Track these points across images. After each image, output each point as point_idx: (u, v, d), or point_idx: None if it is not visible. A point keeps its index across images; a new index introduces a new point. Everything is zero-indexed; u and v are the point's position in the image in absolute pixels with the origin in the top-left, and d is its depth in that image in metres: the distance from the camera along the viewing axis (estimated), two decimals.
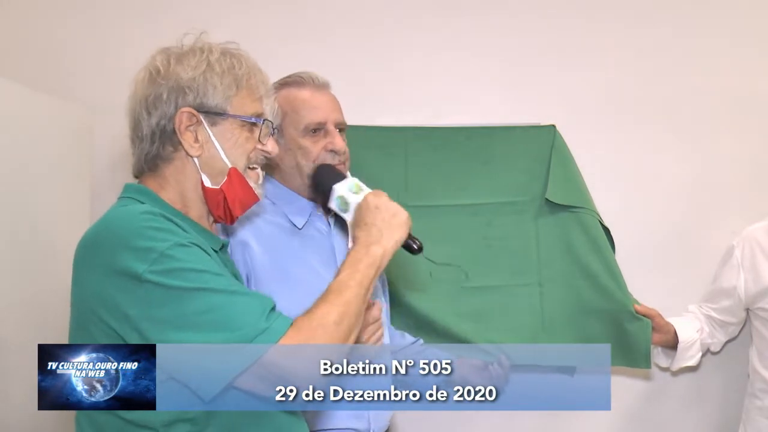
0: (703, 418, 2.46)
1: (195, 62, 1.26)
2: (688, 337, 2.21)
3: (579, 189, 2.33)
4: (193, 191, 1.28)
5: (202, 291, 1.09)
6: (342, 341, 1.14)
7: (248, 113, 1.29)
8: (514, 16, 2.49)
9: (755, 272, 2.15)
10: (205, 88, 1.25)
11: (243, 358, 1.07)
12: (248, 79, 1.29)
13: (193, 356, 1.08)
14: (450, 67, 2.48)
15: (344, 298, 1.17)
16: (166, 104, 1.25)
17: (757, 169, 2.43)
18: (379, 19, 2.50)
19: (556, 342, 2.26)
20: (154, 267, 1.09)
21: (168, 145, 1.26)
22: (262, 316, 1.11)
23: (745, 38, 2.46)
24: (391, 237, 1.31)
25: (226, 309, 1.10)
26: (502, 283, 2.31)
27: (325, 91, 1.73)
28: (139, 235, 1.12)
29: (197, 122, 1.25)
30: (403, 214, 1.36)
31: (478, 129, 2.38)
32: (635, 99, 2.46)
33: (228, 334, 1.07)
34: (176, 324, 1.08)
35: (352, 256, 1.26)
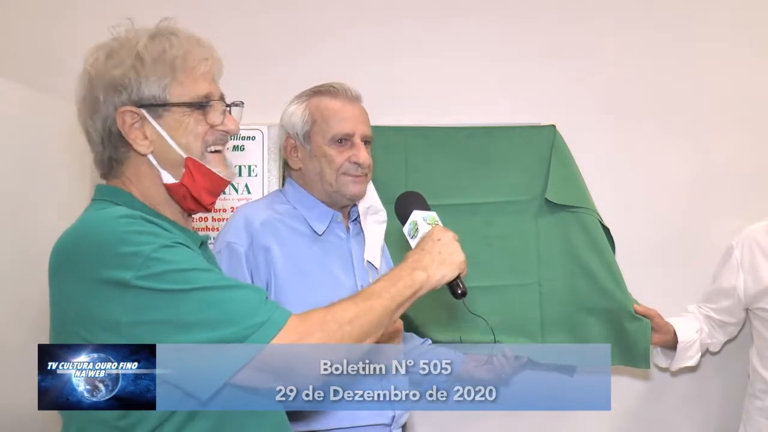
0: (703, 419, 2.46)
1: (123, 55, 1.17)
2: (687, 337, 2.21)
3: (579, 189, 2.33)
4: (156, 189, 1.21)
5: (194, 290, 1.05)
6: (355, 340, 1.11)
7: (192, 96, 1.19)
8: (514, 17, 2.49)
9: (755, 272, 2.15)
10: (137, 82, 1.16)
11: (241, 354, 1.04)
12: (184, 59, 1.19)
13: (190, 356, 1.05)
14: (450, 67, 2.48)
15: (369, 304, 1.13)
16: (104, 106, 1.17)
17: (757, 169, 2.43)
18: (380, 19, 2.50)
19: (556, 341, 2.26)
20: (141, 272, 1.04)
21: (120, 146, 1.19)
22: (259, 307, 1.07)
23: (744, 39, 2.46)
24: (439, 270, 1.27)
25: (221, 305, 1.06)
26: (502, 282, 2.31)
27: (356, 104, 1.75)
28: (121, 240, 1.06)
29: (141, 118, 1.17)
30: (461, 256, 1.31)
31: (478, 129, 2.38)
32: (635, 99, 2.46)
33: (226, 331, 1.04)
34: (171, 327, 1.04)
35: (394, 272, 1.23)
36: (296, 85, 1.86)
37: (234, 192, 2.43)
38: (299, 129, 1.72)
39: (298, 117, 1.72)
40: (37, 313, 1.83)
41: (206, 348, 1.04)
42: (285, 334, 1.05)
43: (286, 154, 1.79)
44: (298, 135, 1.73)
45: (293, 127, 1.73)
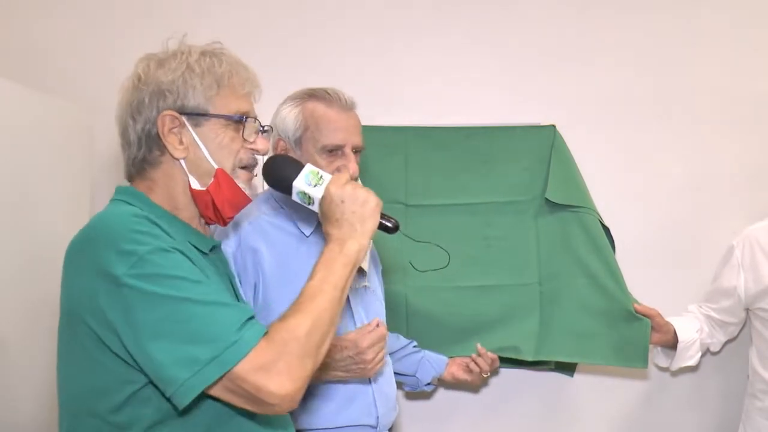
0: (703, 419, 2.46)
1: (174, 65, 1.25)
2: (687, 337, 2.21)
3: (579, 189, 2.33)
4: (182, 193, 1.27)
5: (178, 300, 1.07)
6: (315, 350, 1.11)
7: (232, 111, 1.27)
8: (515, 17, 2.49)
9: (755, 272, 2.15)
10: (185, 90, 1.24)
11: (211, 372, 1.04)
12: (230, 77, 1.27)
13: (165, 366, 1.05)
14: (450, 67, 2.48)
15: (317, 305, 1.13)
16: (148, 109, 1.24)
17: (757, 169, 2.43)
18: (380, 19, 2.50)
19: (555, 341, 2.26)
20: (133, 270, 1.07)
21: (155, 149, 1.26)
22: (235, 328, 1.07)
23: (745, 39, 2.46)
24: (364, 229, 1.25)
25: (200, 320, 1.07)
26: (502, 282, 2.31)
27: (350, 113, 1.74)
28: (124, 237, 1.10)
29: (180, 125, 1.24)
30: (373, 198, 1.28)
31: (478, 129, 2.38)
32: (635, 99, 2.46)
33: (199, 347, 1.05)
34: (150, 332, 1.06)
35: (325, 255, 1.21)
36: (297, 86, 1.86)
37: None
38: (291, 133, 1.72)
39: (291, 121, 1.72)
40: (38, 312, 1.84)
41: (177, 361, 1.05)
42: (253, 357, 1.06)
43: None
44: (290, 138, 1.72)
45: (285, 130, 1.72)
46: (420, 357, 2.12)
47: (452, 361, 2.16)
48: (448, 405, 2.49)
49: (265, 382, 1.05)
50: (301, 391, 1.09)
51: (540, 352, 2.26)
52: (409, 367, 2.11)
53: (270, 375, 1.05)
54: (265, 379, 1.05)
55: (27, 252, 1.90)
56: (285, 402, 1.07)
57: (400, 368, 2.09)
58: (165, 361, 1.05)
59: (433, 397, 2.49)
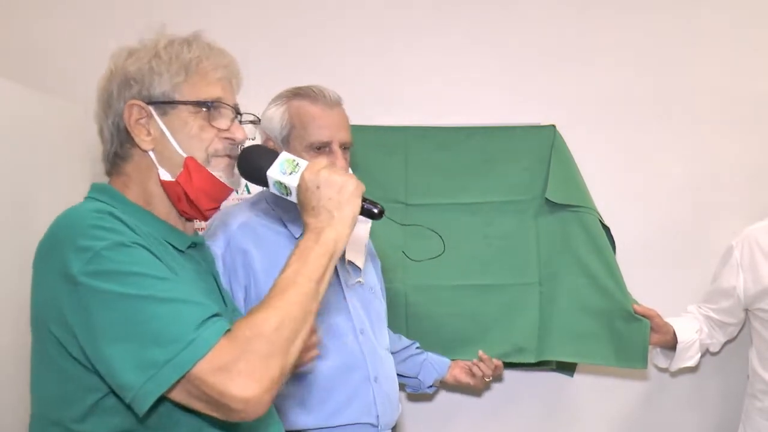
0: (702, 419, 2.46)
1: (142, 54, 1.20)
2: (687, 337, 2.20)
3: (579, 188, 2.33)
4: (155, 187, 1.21)
5: (136, 298, 0.99)
6: (285, 347, 1.01)
7: (200, 97, 1.19)
8: (515, 17, 2.49)
9: (755, 273, 2.14)
10: (150, 78, 1.18)
11: (167, 375, 0.96)
12: (199, 63, 1.20)
13: (122, 370, 0.98)
14: (450, 67, 2.48)
15: (288, 299, 1.04)
16: (117, 101, 1.19)
17: (757, 169, 2.43)
18: (380, 19, 2.50)
19: (555, 341, 2.26)
20: (88, 267, 1.00)
21: (125, 143, 1.20)
22: (193, 326, 0.98)
23: (745, 38, 2.46)
24: (343, 216, 1.16)
25: (158, 320, 0.98)
26: (502, 282, 2.31)
27: (336, 109, 1.73)
28: (82, 234, 1.04)
29: (148, 115, 1.18)
30: (351, 183, 1.18)
31: (478, 129, 2.38)
32: (635, 99, 2.46)
33: (156, 349, 0.97)
34: (107, 334, 0.99)
35: (300, 246, 1.12)
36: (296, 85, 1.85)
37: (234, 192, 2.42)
38: (277, 132, 1.71)
39: (277, 120, 1.71)
40: None
41: (133, 366, 0.98)
42: (212, 358, 0.97)
43: None
44: (277, 138, 1.71)
45: (272, 129, 1.72)
46: (423, 359, 2.12)
47: (455, 364, 2.16)
48: (450, 405, 2.49)
49: (225, 384, 0.96)
50: (269, 393, 0.99)
51: (541, 353, 2.26)
52: (411, 368, 2.11)
53: (231, 376, 0.96)
54: (226, 380, 0.96)
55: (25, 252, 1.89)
56: (250, 406, 0.97)
57: (403, 370, 2.09)
58: (121, 365, 0.98)
59: (434, 398, 2.49)
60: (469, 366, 2.15)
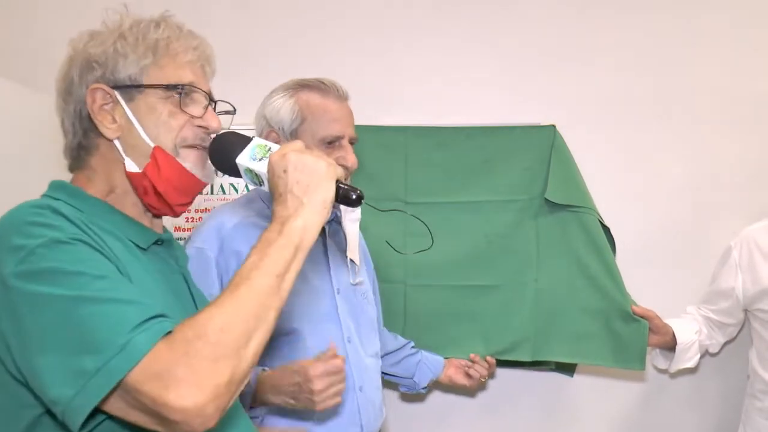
0: (702, 420, 2.46)
1: (106, 36, 1.10)
2: (686, 338, 2.20)
3: (579, 189, 2.33)
4: (121, 179, 1.11)
5: (69, 300, 0.88)
6: (233, 350, 0.89)
7: (169, 81, 1.10)
8: (515, 17, 2.49)
9: (753, 273, 2.14)
10: (115, 60, 1.08)
11: (98, 385, 0.85)
12: (168, 44, 1.11)
13: (51, 383, 0.87)
14: (450, 67, 2.48)
15: (239, 296, 0.92)
16: (77, 86, 1.10)
17: (757, 169, 2.43)
18: (380, 19, 2.50)
19: (553, 342, 2.26)
20: (20, 267, 0.89)
21: (89, 133, 1.11)
22: (127, 329, 0.86)
23: (745, 38, 2.45)
24: (314, 201, 1.03)
25: (90, 323, 0.87)
26: (501, 281, 2.31)
27: (345, 104, 1.68)
28: (17, 231, 0.93)
29: (113, 101, 1.08)
30: (323, 164, 1.05)
31: (478, 129, 2.38)
32: (635, 99, 2.46)
33: (87, 356, 0.85)
34: (37, 342, 0.87)
35: (263, 237, 1.01)
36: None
37: (234, 192, 2.42)
38: (286, 125, 1.63)
39: (287, 112, 1.63)
40: None
41: (63, 377, 0.86)
42: (148, 364, 0.85)
43: None
44: (284, 130, 1.63)
45: (279, 121, 1.63)
46: (418, 360, 2.12)
47: (449, 363, 2.16)
48: (446, 406, 2.49)
49: (161, 393, 0.84)
50: (213, 402, 0.86)
51: (538, 353, 2.26)
52: (406, 369, 2.10)
53: (166, 383, 0.84)
54: (162, 389, 0.84)
55: None
56: (191, 417, 0.85)
57: (398, 371, 2.09)
58: (51, 377, 0.87)
59: (431, 398, 2.49)
60: (464, 368, 2.15)
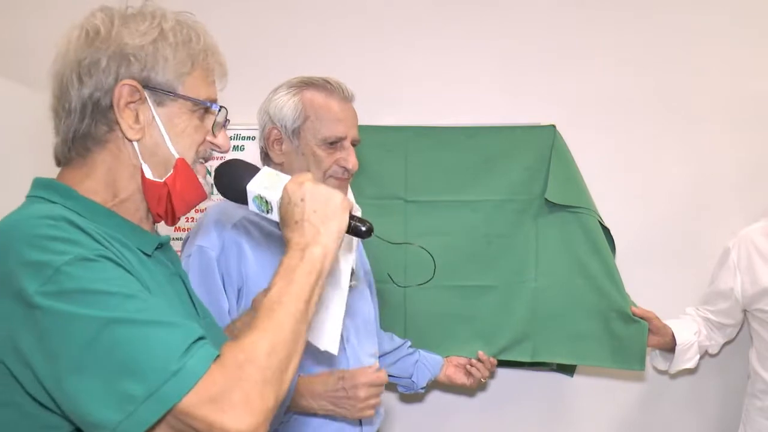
0: (702, 421, 2.46)
1: (145, 27, 1.04)
2: (685, 339, 2.21)
3: (579, 189, 2.33)
4: (129, 182, 1.06)
5: (105, 321, 0.85)
6: (279, 374, 0.91)
7: (201, 97, 1.08)
8: (515, 17, 2.49)
9: (752, 274, 2.15)
10: (154, 60, 1.03)
11: (149, 411, 0.84)
12: (205, 57, 1.09)
13: (91, 407, 0.85)
14: (450, 67, 2.48)
15: (276, 320, 0.94)
16: (104, 73, 1.02)
17: (757, 169, 2.43)
18: (380, 19, 2.50)
19: (553, 342, 2.26)
20: (47, 287, 0.86)
21: (102, 124, 1.04)
22: (177, 353, 0.86)
23: (744, 38, 2.45)
24: (330, 231, 1.06)
25: (133, 346, 0.85)
26: (501, 282, 2.31)
27: (349, 105, 1.67)
28: (33, 246, 0.89)
29: (140, 99, 1.04)
30: (337, 196, 1.09)
31: (478, 129, 2.38)
32: (635, 99, 2.46)
33: (133, 381, 0.84)
34: (71, 364, 0.85)
35: (284, 264, 1.02)
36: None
37: None
38: (289, 122, 1.62)
39: (290, 109, 1.62)
40: None
41: (106, 401, 0.84)
42: (203, 388, 0.85)
43: (268, 145, 1.66)
44: (287, 128, 1.62)
45: (282, 119, 1.62)
46: (415, 359, 2.11)
47: (448, 362, 2.16)
48: (446, 406, 2.49)
49: (217, 417, 0.85)
50: (264, 426, 0.88)
51: (537, 354, 2.26)
52: (404, 369, 2.10)
53: (223, 408, 0.85)
54: (218, 413, 0.85)
55: None
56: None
57: (396, 371, 2.08)
58: (91, 401, 0.84)
59: (430, 398, 2.49)
60: (464, 366, 2.14)
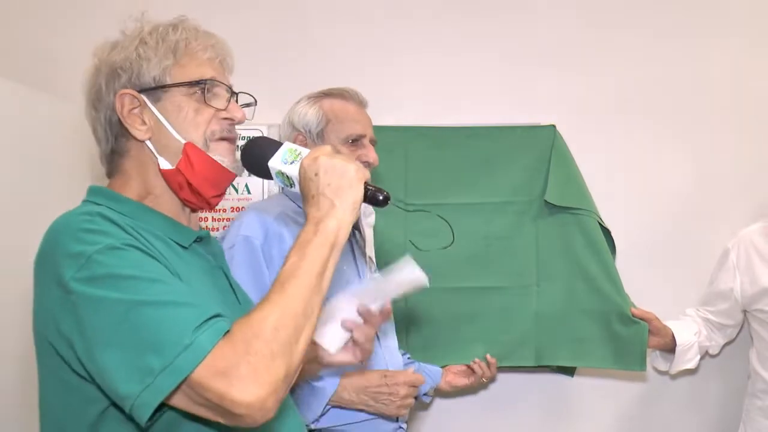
0: (702, 422, 2.46)
1: (127, 43, 1.16)
2: (685, 340, 2.21)
3: (579, 190, 2.33)
4: (156, 179, 1.17)
5: (130, 303, 0.95)
6: (287, 346, 0.96)
7: (192, 78, 1.15)
8: (515, 18, 2.49)
9: (751, 274, 2.15)
10: (138, 65, 1.14)
11: (164, 382, 0.92)
12: (187, 44, 1.17)
13: (118, 379, 0.94)
14: (450, 67, 2.48)
15: (287, 295, 0.99)
16: (106, 94, 1.15)
17: (757, 169, 2.43)
18: (380, 19, 2.50)
19: (554, 345, 2.26)
20: (80, 273, 0.97)
21: (120, 137, 1.16)
22: (190, 329, 0.93)
23: (745, 39, 2.45)
24: (345, 203, 1.09)
25: (153, 324, 0.94)
26: (501, 284, 2.31)
27: (365, 109, 1.86)
28: (73, 238, 1.00)
29: (141, 104, 1.14)
30: (351, 168, 1.12)
31: (478, 129, 2.38)
32: (635, 99, 2.46)
33: (152, 355, 0.92)
34: (101, 342, 0.95)
35: (300, 237, 1.07)
36: (297, 85, 1.86)
37: (234, 192, 2.43)
38: (313, 127, 1.78)
39: (313, 115, 1.79)
40: None
41: (129, 374, 0.93)
42: (212, 361, 0.93)
43: None
44: (311, 132, 1.78)
45: (306, 124, 1.79)
46: (416, 368, 2.12)
47: (447, 371, 2.17)
48: (448, 406, 2.49)
49: (226, 388, 0.92)
50: (273, 396, 0.94)
51: (541, 358, 2.27)
52: None
53: (231, 380, 0.92)
54: (226, 385, 0.92)
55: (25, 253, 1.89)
56: (254, 411, 0.93)
57: None
58: (117, 374, 0.94)
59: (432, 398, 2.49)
60: (466, 366, 2.16)
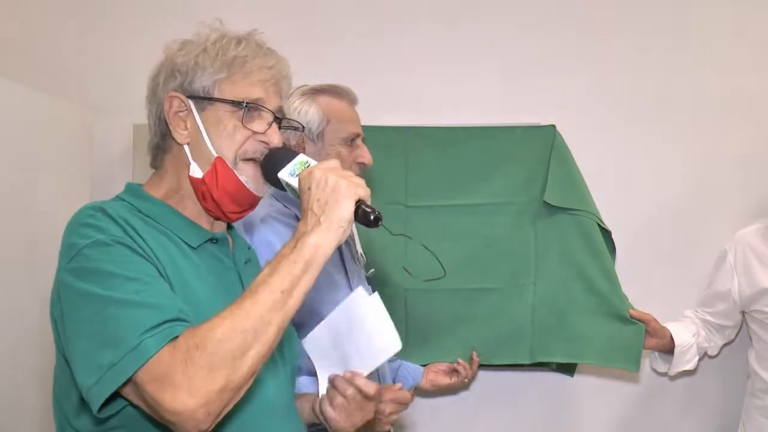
0: (701, 422, 2.46)
1: (192, 47, 1.19)
2: (684, 341, 2.21)
3: (578, 191, 2.32)
4: (186, 182, 1.20)
5: (101, 299, 0.98)
6: (229, 360, 0.95)
7: (238, 97, 1.17)
8: (515, 18, 2.49)
9: (749, 275, 2.15)
10: (194, 72, 1.17)
11: (111, 379, 0.95)
12: (245, 62, 1.19)
13: (79, 370, 0.99)
14: (450, 68, 2.48)
15: (242, 309, 0.98)
16: (161, 91, 1.19)
17: (756, 170, 2.43)
18: (381, 20, 2.50)
19: (550, 343, 2.26)
20: (70, 265, 1.03)
21: (165, 135, 1.20)
22: (140, 331, 0.95)
23: (745, 39, 2.45)
24: (328, 220, 1.05)
25: (114, 322, 0.97)
26: (500, 284, 2.30)
27: (355, 107, 1.83)
28: (74, 231, 1.06)
29: (187, 109, 1.18)
30: (343, 184, 1.07)
31: (478, 129, 2.38)
32: (635, 99, 2.46)
33: (106, 351, 0.96)
34: (75, 332, 1.00)
35: (280, 251, 1.05)
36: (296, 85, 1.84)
37: None
38: (314, 126, 1.74)
39: (314, 115, 1.75)
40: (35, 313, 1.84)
41: (87, 366, 0.97)
42: (151, 366, 0.94)
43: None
44: (312, 132, 1.74)
45: (307, 123, 1.74)
46: (397, 365, 2.13)
47: (428, 369, 2.17)
48: (445, 405, 2.49)
49: (159, 394, 0.93)
50: (204, 408, 0.94)
51: (536, 355, 2.26)
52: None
53: (164, 387, 0.93)
54: (160, 391, 0.93)
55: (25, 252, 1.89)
56: (184, 420, 0.94)
57: None
58: (80, 364, 0.99)
59: (429, 398, 2.49)
60: (444, 370, 2.16)
